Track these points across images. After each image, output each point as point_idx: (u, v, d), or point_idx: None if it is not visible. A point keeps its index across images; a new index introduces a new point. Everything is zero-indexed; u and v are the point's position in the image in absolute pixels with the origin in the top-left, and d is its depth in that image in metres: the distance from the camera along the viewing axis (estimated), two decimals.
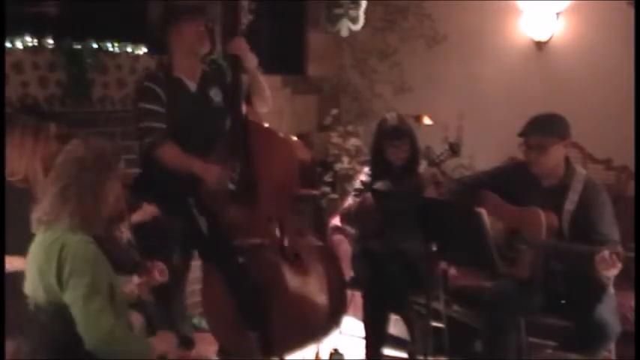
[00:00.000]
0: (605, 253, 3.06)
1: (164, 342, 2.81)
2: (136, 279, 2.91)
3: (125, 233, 2.98)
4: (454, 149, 3.86)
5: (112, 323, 2.55)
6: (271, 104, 3.79)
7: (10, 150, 3.16)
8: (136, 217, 3.21)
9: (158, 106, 3.53)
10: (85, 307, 2.53)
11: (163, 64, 3.72)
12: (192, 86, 3.66)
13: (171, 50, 3.65)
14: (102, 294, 2.56)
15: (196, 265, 3.93)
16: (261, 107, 3.76)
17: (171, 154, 3.51)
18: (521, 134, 3.46)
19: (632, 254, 3.06)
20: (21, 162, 3.15)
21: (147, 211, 3.28)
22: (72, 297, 2.55)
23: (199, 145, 3.54)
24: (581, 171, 3.51)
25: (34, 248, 2.66)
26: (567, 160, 3.50)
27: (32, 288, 2.66)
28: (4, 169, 3.14)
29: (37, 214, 2.66)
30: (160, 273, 3.03)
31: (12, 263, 2.95)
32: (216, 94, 3.68)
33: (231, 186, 3.51)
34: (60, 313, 2.60)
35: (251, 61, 3.62)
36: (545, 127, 3.41)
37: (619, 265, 3.09)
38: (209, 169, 3.49)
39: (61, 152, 2.74)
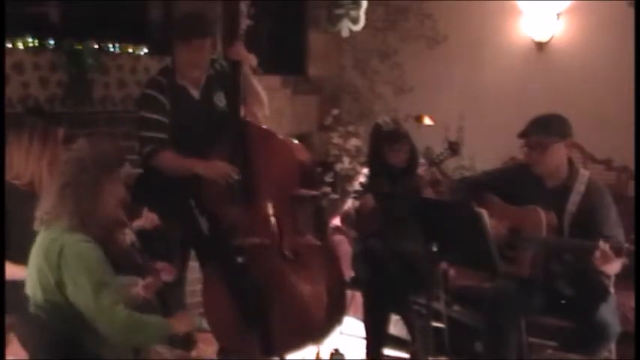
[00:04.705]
0: (603, 247, 3.06)
1: (185, 321, 2.83)
2: (140, 281, 2.91)
3: (129, 236, 2.98)
4: (454, 148, 3.87)
5: (127, 311, 2.60)
6: (267, 108, 3.80)
7: (17, 153, 3.12)
8: (137, 223, 3.21)
9: (160, 116, 3.55)
10: (97, 303, 2.56)
11: (167, 68, 3.72)
12: (196, 94, 3.67)
13: (177, 60, 3.65)
14: (110, 288, 2.59)
15: (196, 265, 3.93)
16: (258, 111, 3.77)
17: (170, 162, 3.53)
18: (521, 135, 3.46)
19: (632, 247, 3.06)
20: (27, 166, 3.12)
21: (147, 219, 3.27)
22: (81, 297, 2.57)
23: (200, 149, 3.56)
24: (584, 173, 3.50)
25: (35, 247, 2.67)
26: (570, 162, 3.50)
27: (32, 288, 2.67)
28: (4, 169, 3.13)
29: (39, 212, 2.68)
30: (166, 273, 3.03)
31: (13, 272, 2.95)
32: (220, 99, 3.69)
33: (236, 175, 3.51)
34: (58, 312, 2.62)
35: (248, 66, 3.64)
36: (544, 127, 3.40)
37: (618, 260, 3.09)
38: (211, 165, 3.51)
39: (65, 151, 2.76)
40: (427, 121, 5.16)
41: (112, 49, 4.20)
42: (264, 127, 3.71)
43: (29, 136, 3.13)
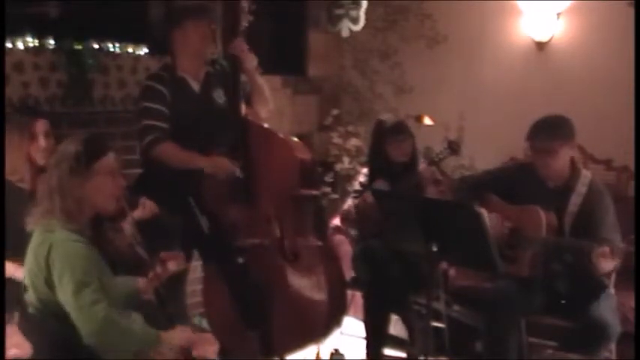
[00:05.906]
0: (599, 250, 3.06)
1: (179, 336, 2.78)
2: (141, 280, 2.90)
3: (128, 232, 2.97)
4: (453, 148, 3.87)
5: (106, 312, 2.55)
6: (272, 105, 3.80)
7: (7, 148, 3.15)
8: (136, 213, 3.21)
9: (161, 106, 3.55)
10: (76, 302, 2.54)
11: (167, 64, 3.73)
12: (196, 86, 3.67)
13: (175, 51, 3.66)
14: (92, 286, 2.56)
15: (197, 265, 3.93)
16: (262, 108, 3.77)
17: (171, 152, 3.52)
18: (528, 138, 3.44)
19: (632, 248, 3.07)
20: (11, 159, 3.14)
21: (146, 208, 3.28)
22: (64, 296, 2.57)
23: (201, 145, 3.55)
24: (586, 173, 3.50)
25: (29, 249, 2.68)
26: (573, 162, 3.49)
27: (27, 287, 2.68)
28: (4, 169, 3.14)
29: (31, 215, 2.68)
30: (174, 262, 2.99)
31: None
32: (219, 96, 3.69)
33: (239, 173, 3.51)
34: (51, 312, 2.62)
35: (250, 62, 3.63)
36: (553, 130, 3.39)
37: (615, 260, 3.09)
38: (215, 161, 3.51)
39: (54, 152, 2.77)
40: (427, 121, 5.17)
41: (112, 49, 4.20)
42: (265, 125, 3.71)
43: (9, 130, 3.14)
